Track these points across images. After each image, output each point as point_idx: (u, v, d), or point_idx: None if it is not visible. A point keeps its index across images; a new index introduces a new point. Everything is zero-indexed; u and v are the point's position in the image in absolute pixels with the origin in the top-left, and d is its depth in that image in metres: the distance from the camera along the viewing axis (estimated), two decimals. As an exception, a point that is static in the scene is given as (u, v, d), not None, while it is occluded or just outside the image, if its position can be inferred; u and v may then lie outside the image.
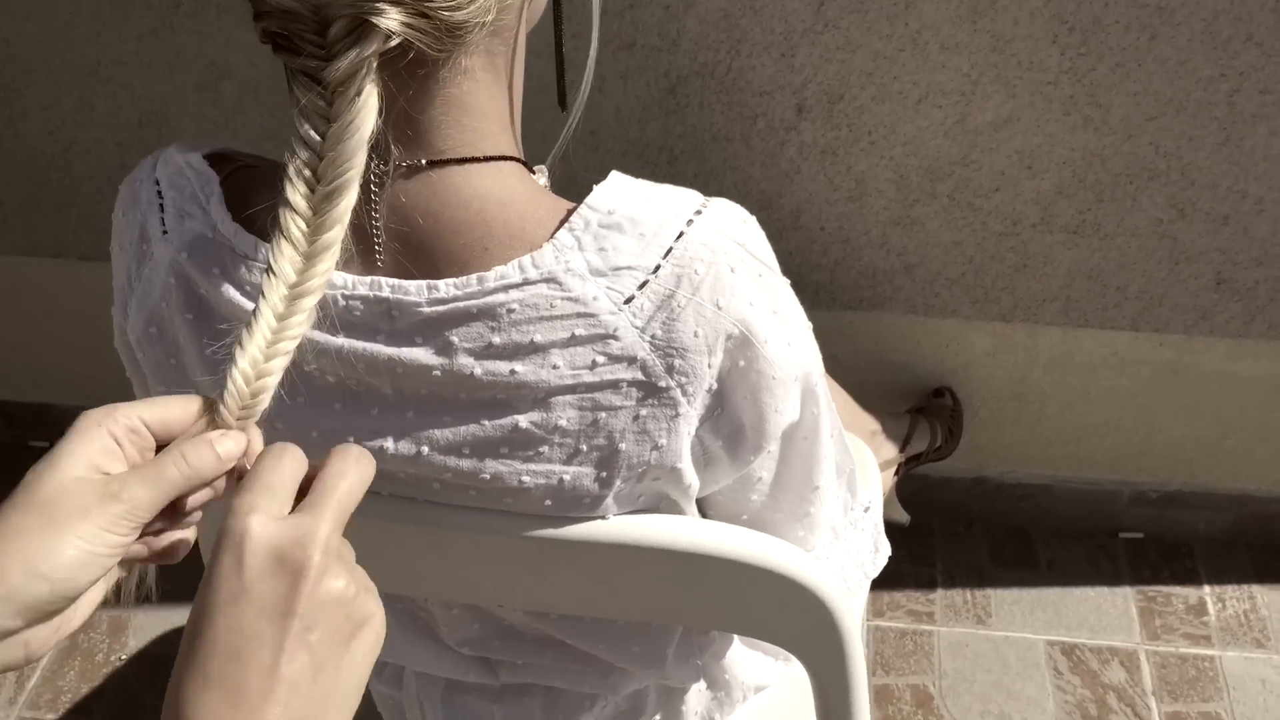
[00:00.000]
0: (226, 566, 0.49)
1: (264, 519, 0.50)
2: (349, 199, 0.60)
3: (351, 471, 0.54)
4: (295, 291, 0.58)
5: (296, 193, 0.60)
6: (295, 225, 0.59)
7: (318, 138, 0.60)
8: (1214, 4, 1.25)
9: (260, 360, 0.57)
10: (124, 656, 1.69)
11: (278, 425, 0.65)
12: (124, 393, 1.68)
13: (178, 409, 0.57)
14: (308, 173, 0.60)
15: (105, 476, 0.53)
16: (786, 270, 0.75)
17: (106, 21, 1.43)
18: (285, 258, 0.59)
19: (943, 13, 1.29)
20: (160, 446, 0.56)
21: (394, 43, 0.60)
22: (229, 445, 0.56)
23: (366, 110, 0.60)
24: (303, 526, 0.50)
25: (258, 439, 0.58)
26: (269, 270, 0.59)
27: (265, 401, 0.57)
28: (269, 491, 0.52)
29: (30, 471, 0.53)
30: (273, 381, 0.58)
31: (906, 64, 1.33)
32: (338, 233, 0.60)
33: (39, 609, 0.51)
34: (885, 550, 0.96)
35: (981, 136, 1.38)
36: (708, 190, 0.72)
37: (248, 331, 0.57)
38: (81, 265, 1.69)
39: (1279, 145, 1.35)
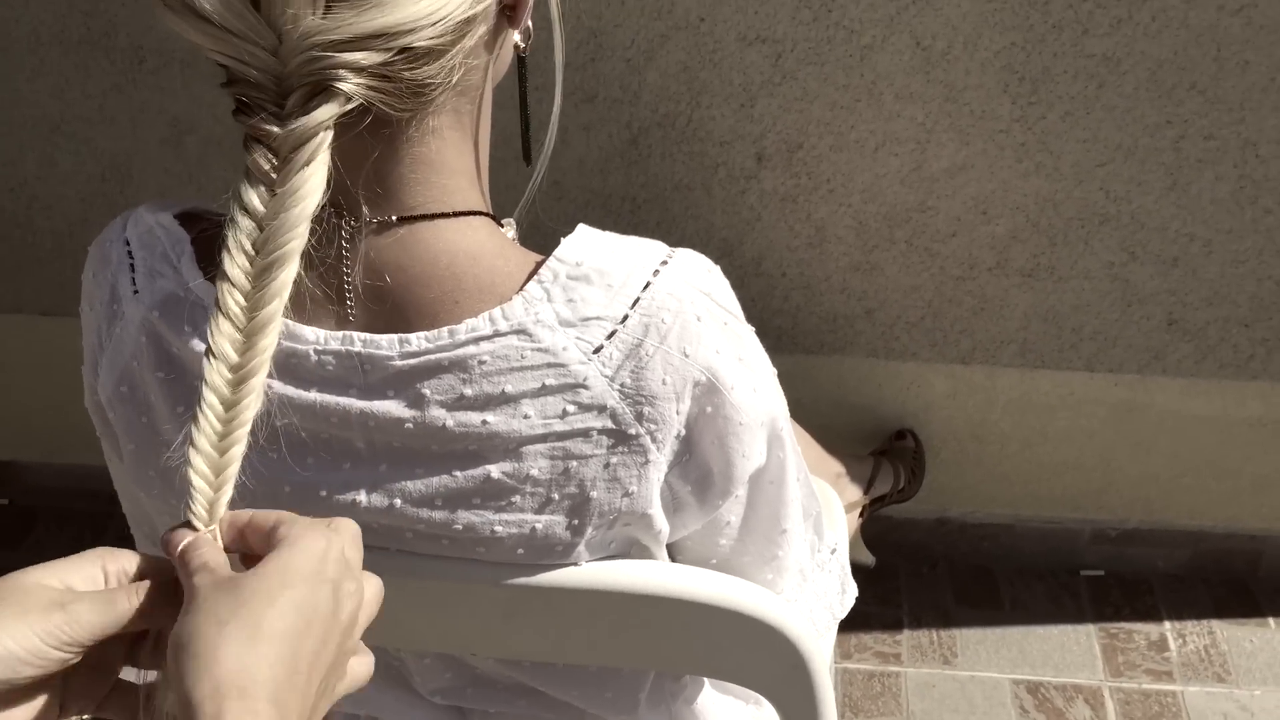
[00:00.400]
0: (336, 549, 0.55)
1: None
2: (289, 271, 0.59)
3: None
4: (239, 375, 0.58)
5: (234, 264, 0.59)
6: (233, 299, 0.58)
7: (260, 206, 0.59)
8: (1158, 54, 1.29)
9: (216, 457, 0.57)
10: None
11: (250, 483, 0.65)
12: (82, 449, 1.66)
13: (170, 566, 0.57)
14: (247, 243, 0.59)
15: (64, 591, 0.53)
16: (749, 316, 0.77)
17: (69, 78, 1.43)
18: (224, 336, 0.58)
19: (897, 64, 1.32)
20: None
21: (353, 105, 0.61)
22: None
23: (314, 180, 0.59)
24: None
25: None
26: (209, 352, 0.58)
27: (229, 492, 0.57)
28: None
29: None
30: (233, 471, 0.57)
31: (863, 114, 1.37)
32: (277, 306, 0.58)
33: None
34: (852, 591, 0.97)
35: (937, 183, 1.41)
36: (670, 238, 0.74)
37: (196, 428, 0.56)
38: (41, 320, 1.69)
39: (1225, 189, 1.39)
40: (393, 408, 0.69)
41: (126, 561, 0.56)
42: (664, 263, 0.70)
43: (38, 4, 1.37)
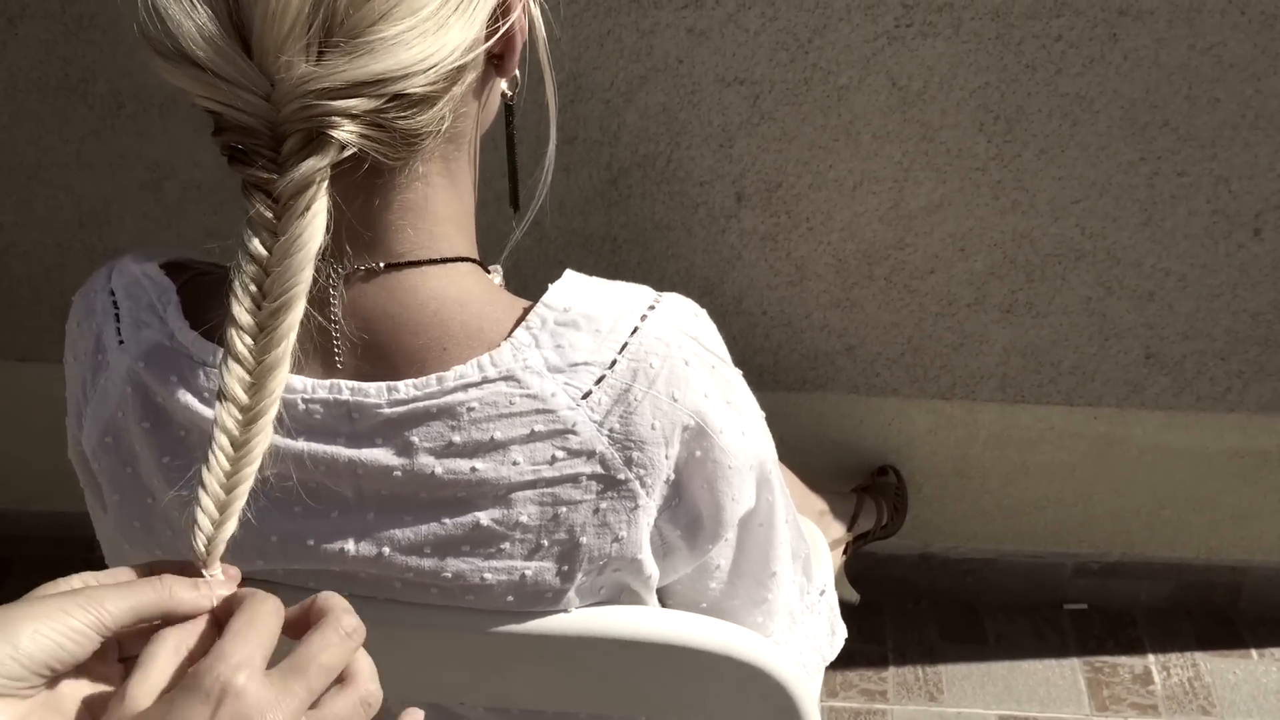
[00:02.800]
0: (198, 714, 0.49)
1: (256, 676, 0.50)
2: (295, 314, 0.60)
3: (335, 647, 0.54)
4: (249, 416, 0.58)
5: (242, 308, 0.60)
6: (242, 342, 0.59)
7: (264, 251, 0.60)
8: (1130, 92, 1.31)
9: (222, 495, 0.57)
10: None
11: (237, 532, 0.65)
12: (58, 496, 1.64)
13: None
14: (254, 288, 0.60)
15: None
16: (730, 354, 0.77)
17: (47, 124, 1.43)
18: (234, 378, 0.59)
19: (873, 104, 1.34)
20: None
21: (348, 153, 0.61)
22: (217, 587, 0.57)
23: (315, 225, 0.60)
24: (288, 702, 0.51)
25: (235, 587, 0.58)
26: (220, 394, 0.58)
27: (230, 530, 0.57)
28: (260, 647, 0.52)
29: None
30: (237, 509, 0.58)
31: (841, 153, 1.38)
32: (286, 348, 0.59)
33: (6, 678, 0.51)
34: (841, 633, 0.97)
35: (915, 221, 1.42)
36: (651, 278, 0.74)
37: (207, 468, 0.57)
38: (18, 366, 1.67)
39: (1198, 224, 1.40)
40: (381, 456, 0.68)
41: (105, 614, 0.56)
42: (651, 307, 0.70)
43: (15, 50, 1.37)
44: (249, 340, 0.59)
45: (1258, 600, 1.78)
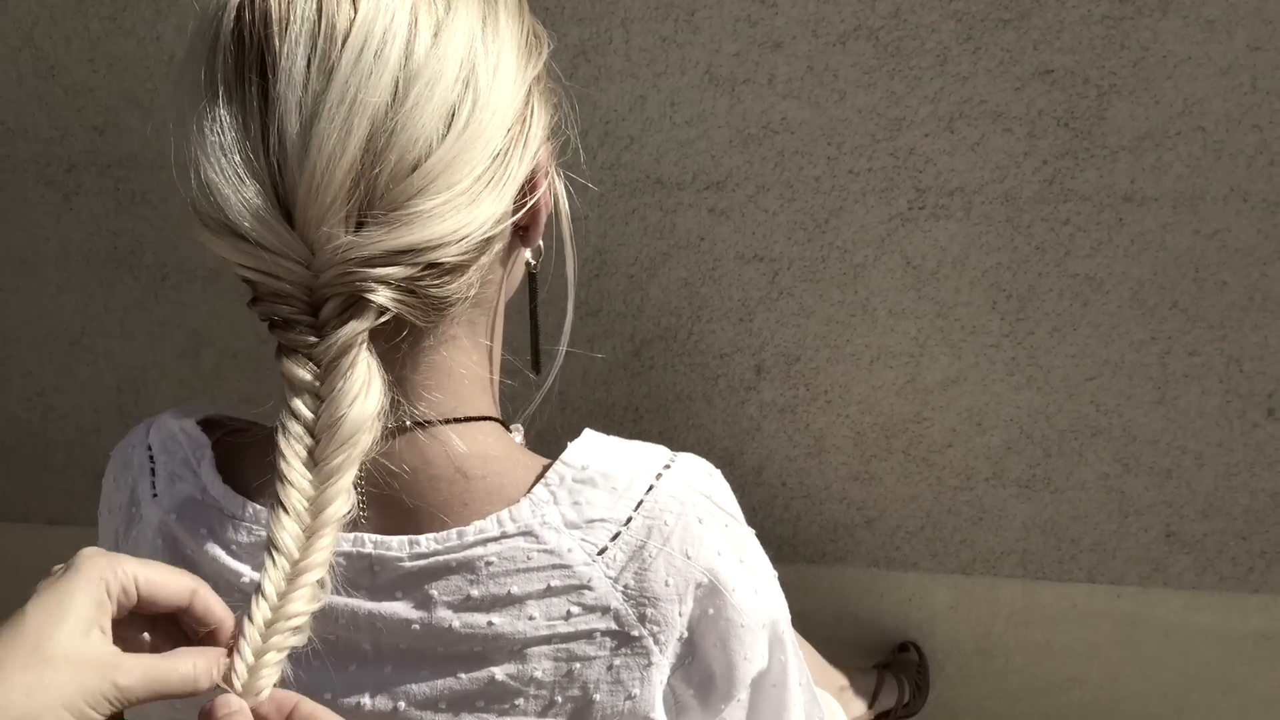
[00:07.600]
0: None
1: None
2: (350, 474, 0.63)
3: None
4: (297, 569, 0.61)
5: (293, 469, 0.62)
6: (297, 501, 0.62)
7: (310, 413, 0.63)
8: (1139, 274, 1.35)
9: (259, 641, 0.60)
10: None
11: None
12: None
13: (171, 579, 0.61)
14: (299, 448, 0.63)
15: (110, 652, 0.57)
16: (750, 525, 0.78)
17: (93, 293, 1.49)
18: (288, 533, 0.61)
19: (889, 281, 1.38)
20: (137, 614, 0.61)
21: (386, 318, 0.64)
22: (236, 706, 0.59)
23: (359, 383, 0.63)
24: None
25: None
26: (270, 546, 0.61)
27: (269, 677, 0.60)
28: None
29: (33, 607, 0.57)
30: (273, 659, 0.60)
31: (858, 328, 1.41)
32: (339, 506, 0.62)
33: None
34: (858, 804, 0.95)
35: (932, 395, 1.45)
36: (672, 447, 0.77)
37: (249, 618, 0.60)
38: (47, 530, 1.69)
39: (1212, 403, 1.42)
40: (400, 609, 0.70)
41: (122, 573, 0.60)
42: (667, 466, 0.72)
43: (69, 224, 1.44)
44: (303, 500, 0.62)
45: (1294, 790, 1.73)
